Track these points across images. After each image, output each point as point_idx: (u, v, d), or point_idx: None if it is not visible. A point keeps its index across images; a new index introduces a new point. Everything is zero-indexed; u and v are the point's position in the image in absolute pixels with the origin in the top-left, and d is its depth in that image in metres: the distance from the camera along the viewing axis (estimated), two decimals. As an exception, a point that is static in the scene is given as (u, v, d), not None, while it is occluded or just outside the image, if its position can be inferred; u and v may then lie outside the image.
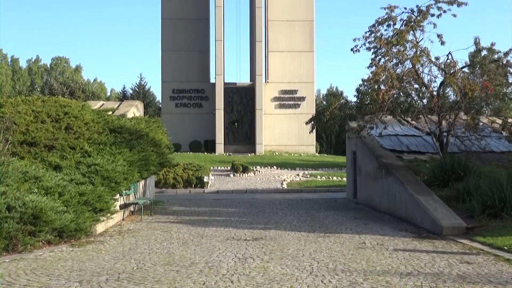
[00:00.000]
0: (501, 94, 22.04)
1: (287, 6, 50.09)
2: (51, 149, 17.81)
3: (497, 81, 20.31)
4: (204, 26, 50.89)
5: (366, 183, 22.25)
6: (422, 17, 20.38)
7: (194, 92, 50.32)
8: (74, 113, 20.16)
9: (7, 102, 20.31)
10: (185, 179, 31.46)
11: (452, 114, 20.49)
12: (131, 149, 19.48)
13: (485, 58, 20.97)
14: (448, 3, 20.24)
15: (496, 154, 21.74)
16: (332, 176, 34.92)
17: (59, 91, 64.00)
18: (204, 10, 50.86)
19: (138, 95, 70.01)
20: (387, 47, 19.91)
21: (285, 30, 50.04)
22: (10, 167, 14.67)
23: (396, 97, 20.19)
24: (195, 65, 50.38)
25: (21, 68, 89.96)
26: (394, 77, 19.36)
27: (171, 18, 50.16)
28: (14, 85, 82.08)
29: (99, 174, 16.50)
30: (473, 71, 20.91)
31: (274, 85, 49.83)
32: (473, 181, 16.56)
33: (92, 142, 18.91)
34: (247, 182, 33.34)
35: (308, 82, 50.01)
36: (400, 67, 20.19)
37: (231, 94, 48.85)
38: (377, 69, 19.46)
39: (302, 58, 49.96)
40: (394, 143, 22.72)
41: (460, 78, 19.74)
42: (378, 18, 20.71)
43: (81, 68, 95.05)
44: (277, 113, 49.75)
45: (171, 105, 50.23)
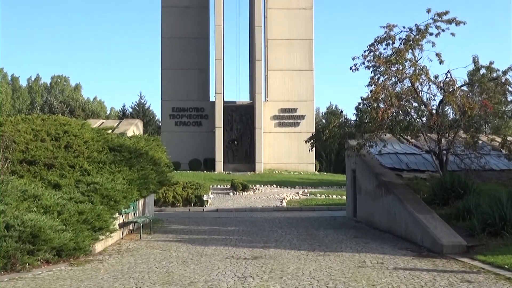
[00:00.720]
0: (500, 112, 22.07)
1: (286, 25, 50.36)
2: (51, 168, 17.79)
3: (496, 99, 20.36)
4: (204, 45, 51.13)
5: (366, 201, 22.20)
6: (421, 36, 20.48)
7: (193, 110, 50.42)
8: (74, 131, 20.16)
9: (7, 121, 20.32)
10: (185, 197, 31.39)
11: (452, 132, 20.51)
12: (131, 168, 19.45)
13: (484, 77, 21.02)
14: (447, 22, 20.36)
15: (495, 172, 21.74)
16: (331, 195, 34.87)
17: (59, 110, 64.10)
18: (204, 29, 51.12)
19: (137, 114, 70.11)
20: (386, 66, 19.99)
21: (285, 49, 50.26)
22: (10, 185, 14.64)
23: (395, 115, 20.22)
24: (194, 83, 50.52)
25: (21, 86, 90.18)
26: (393, 96, 19.41)
27: (171, 37, 50.40)
28: (14, 104, 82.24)
29: (98, 193, 16.46)
30: (472, 90, 20.97)
31: (274, 103, 49.94)
32: (473, 199, 16.53)
33: (92, 161, 18.88)
34: (246, 200, 33.27)
35: (307, 101, 50.12)
36: (399, 86, 20.27)
37: (230, 112, 48.93)
38: (376, 88, 19.52)
39: (301, 76, 50.12)
40: (393, 161, 22.72)
41: (459, 96, 19.79)
42: (377, 37, 20.83)
43: (80, 87, 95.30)
44: (276, 132, 49.80)
45: (170, 123, 50.30)
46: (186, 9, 50.78)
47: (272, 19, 50.55)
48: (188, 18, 50.63)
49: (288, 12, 50.49)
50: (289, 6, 50.47)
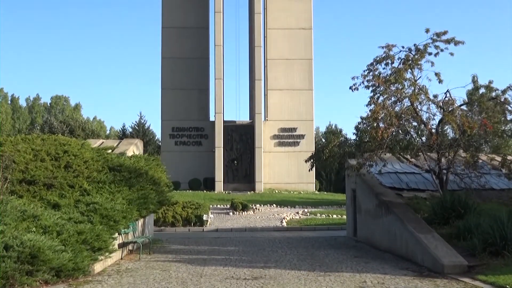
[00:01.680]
0: (500, 132, 22.07)
1: (286, 45, 50.60)
2: (50, 188, 17.76)
3: (495, 119, 20.39)
4: (203, 64, 51.33)
5: (366, 221, 22.13)
6: (420, 56, 20.58)
7: (193, 130, 50.49)
8: (74, 151, 20.16)
9: (7, 141, 20.33)
10: (184, 217, 31.28)
11: (451, 151, 20.51)
12: (130, 188, 19.42)
13: (483, 96, 21.07)
14: (445, 42, 20.47)
15: (496, 192, 21.69)
16: (332, 214, 34.77)
17: (59, 130, 64.17)
18: (203, 49, 51.35)
19: (137, 133, 70.16)
20: (386, 85, 20.06)
21: (284, 68, 50.45)
22: (9, 205, 14.60)
23: (395, 134, 20.24)
24: (194, 103, 50.64)
25: (21, 106, 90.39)
26: (393, 115, 19.44)
27: (171, 57, 50.61)
28: (14, 124, 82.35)
29: (97, 213, 16.41)
30: (472, 109, 21.00)
31: (274, 123, 50.02)
32: (473, 218, 16.48)
33: (91, 181, 18.86)
34: (246, 220, 33.17)
35: (307, 120, 50.20)
36: (398, 105, 20.31)
37: (230, 132, 48.98)
38: (375, 107, 19.56)
39: (301, 96, 50.25)
40: (393, 181, 22.69)
41: (458, 115, 19.82)
42: (376, 56, 20.92)
43: (80, 107, 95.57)
44: (276, 151, 49.80)
45: (170, 143, 50.33)
46: (186, 30, 51.07)
47: (272, 39, 50.80)
48: (188, 38, 50.88)
49: (288, 32, 50.76)
50: (289, 26, 50.75)
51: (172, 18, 51.06)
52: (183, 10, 51.13)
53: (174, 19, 51.00)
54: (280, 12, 50.98)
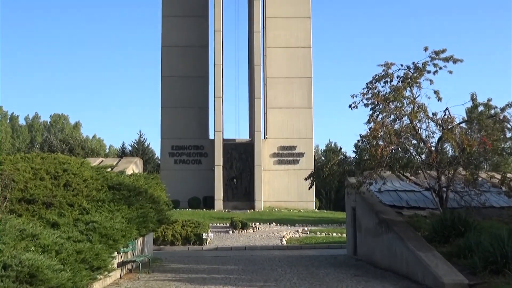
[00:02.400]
0: (499, 149, 22.07)
1: (285, 63, 50.81)
2: (49, 206, 17.72)
3: (494, 136, 20.41)
4: (203, 83, 51.50)
5: (366, 239, 22.06)
6: (419, 74, 20.65)
7: (193, 148, 50.52)
8: (73, 170, 20.15)
9: (7, 159, 20.32)
10: (184, 236, 31.18)
11: (451, 169, 20.51)
12: (130, 206, 19.38)
13: (482, 114, 21.11)
14: (444, 60, 20.56)
15: (496, 209, 21.65)
16: (332, 232, 34.67)
17: (59, 148, 64.18)
18: (203, 67, 51.55)
19: (137, 152, 70.17)
20: (385, 103, 20.10)
21: (284, 86, 50.61)
22: (8, 224, 14.55)
23: (394, 152, 20.25)
24: (194, 121, 50.73)
25: (20, 125, 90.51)
26: (392, 133, 19.46)
27: (171, 75, 50.80)
28: (13, 143, 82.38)
29: (97, 232, 16.35)
30: (471, 127, 21.03)
31: (273, 141, 50.06)
32: (474, 236, 16.42)
33: (91, 199, 18.82)
34: (246, 238, 33.06)
35: (306, 138, 50.25)
36: (398, 123, 20.34)
37: (230, 150, 49.00)
38: (375, 125, 19.59)
39: (300, 114, 50.34)
40: (393, 199, 22.65)
41: (458, 133, 19.85)
42: (375, 75, 21.00)
43: (80, 125, 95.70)
44: (276, 169, 49.78)
45: (170, 161, 50.33)
46: (186, 48, 51.31)
47: (271, 58, 51.01)
48: (188, 56, 51.11)
49: (287, 51, 51.00)
50: (288, 45, 51.00)
51: (172, 36, 51.33)
52: (183, 29, 51.40)
53: (174, 38, 51.26)
54: (279, 31, 51.25)
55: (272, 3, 51.64)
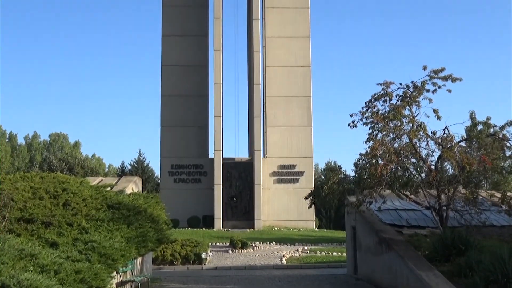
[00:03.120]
0: (499, 168, 22.06)
1: (284, 82, 50.97)
2: (48, 226, 17.67)
3: (494, 155, 20.40)
4: (203, 102, 51.62)
5: (367, 258, 21.96)
6: (418, 93, 20.71)
7: (192, 167, 50.48)
8: (73, 189, 20.12)
9: (6, 179, 20.30)
10: (183, 255, 31.05)
11: (451, 188, 20.48)
12: (129, 225, 19.32)
13: (482, 132, 21.13)
14: (443, 79, 20.63)
15: (496, 228, 21.59)
16: (332, 252, 34.53)
17: (58, 167, 64.19)
18: (203, 86, 51.71)
19: (136, 171, 70.15)
20: (384, 122, 20.13)
21: (283, 105, 50.72)
22: (6, 244, 14.49)
23: (394, 171, 20.23)
24: (194, 140, 50.77)
25: (19, 144, 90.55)
26: (392, 152, 19.46)
27: (170, 94, 50.94)
28: (13, 162, 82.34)
29: (96, 251, 16.28)
30: (470, 145, 21.04)
31: (273, 160, 50.05)
32: (474, 255, 16.35)
33: (90, 219, 18.77)
34: (246, 258, 32.92)
35: (306, 157, 50.25)
36: (397, 142, 20.35)
37: (229, 169, 48.96)
38: (374, 144, 19.60)
39: (300, 133, 50.40)
40: (393, 218, 22.59)
41: (457, 152, 19.85)
42: (375, 93, 21.05)
43: (80, 144, 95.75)
44: (275, 188, 49.70)
45: (169, 180, 50.26)
46: (186, 67, 51.51)
47: (271, 77, 51.18)
48: (188, 76, 51.29)
49: (286, 70, 51.19)
50: (287, 64, 51.20)
51: (171, 56, 51.55)
52: (183, 48, 51.65)
53: (174, 57, 51.49)
54: (278, 50, 51.49)
55: (271, 22, 51.94)
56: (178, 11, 52.30)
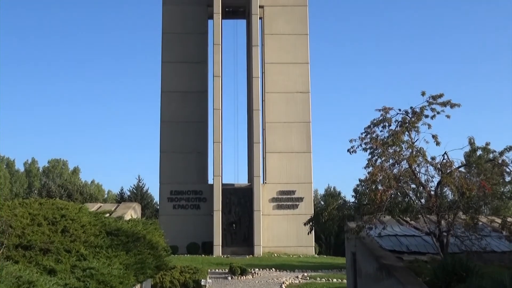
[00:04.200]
0: (499, 193, 22.01)
1: (284, 108, 51.11)
2: (47, 253, 17.57)
3: (494, 180, 20.40)
4: (202, 128, 51.70)
5: (367, 285, 21.79)
6: (417, 119, 20.77)
7: (192, 193, 50.36)
8: (71, 215, 20.06)
9: (4, 205, 20.25)
10: (182, 282, 30.79)
11: (451, 213, 20.42)
12: (128, 252, 19.22)
13: (481, 158, 21.15)
14: (441, 104, 20.71)
15: (497, 254, 21.48)
16: (332, 278, 34.30)
17: (57, 194, 64.07)
18: (202, 112, 51.83)
19: (135, 197, 70.01)
20: (383, 148, 20.16)
21: (282, 131, 50.79)
22: (4, 271, 14.39)
23: (394, 197, 20.20)
24: (193, 166, 50.72)
25: (18, 170, 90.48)
26: (391, 177, 19.45)
27: (170, 120, 51.04)
28: (11, 188, 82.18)
29: (94, 278, 16.17)
30: (470, 171, 21.04)
31: (272, 185, 49.96)
32: (475, 282, 16.23)
33: (88, 245, 18.68)
34: (245, 285, 32.68)
35: (305, 183, 50.16)
36: (396, 167, 20.34)
37: (229, 195, 48.85)
38: (374, 170, 19.60)
39: (299, 159, 50.39)
40: (393, 244, 22.48)
41: (457, 178, 19.84)
42: (374, 119, 21.10)
43: (79, 170, 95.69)
44: (275, 214, 49.54)
45: (168, 206, 50.10)
46: (185, 94, 51.68)
47: (270, 103, 51.34)
48: (187, 102, 51.44)
49: (286, 96, 51.37)
50: (287, 90, 51.40)
51: (171, 82, 51.76)
52: (183, 74, 51.89)
53: (174, 83, 51.69)
54: (278, 76, 51.73)
55: (270, 49, 52.27)
56: (178, 37, 52.64)
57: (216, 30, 50.08)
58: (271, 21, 52.83)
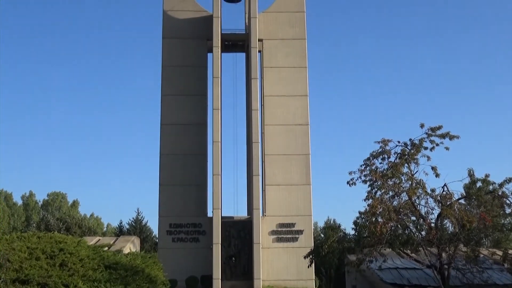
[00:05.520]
0: (500, 225, 21.93)
1: (283, 140, 51.10)
2: (44, 287, 17.43)
3: (494, 212, 20.36)
4: (202, 160, 51.59)
5: (368, 319, 21.56)
6: (416, 151, 20.81)
7: (191, 226, 50.04)
8: (70, 249, 19.95)
9: (2, 239, 20.15)
10: (181, 316, 30.49)
11: (452, 246, 20.32)
12: (126, 286, 19.08)
13: (481, 190, 21.13)
14: (440, 136, 20.77)
15: (499, 287, 21.31)
16: (332, 312, 33.94)
17: (55, 227, 63.72)
18: (202, 145, 51.79)
19: (135, 230, 69.62)
20: (383, 180, 20.15)
21: (282, 163, 50.68)
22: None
23: (394, 229, 20.13)
24: (192, 199, 50.49)
25: (15, 203, 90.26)
26: (391, 210, 19.40)
27: (169, 153, 50.97)
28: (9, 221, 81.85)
29: (92, 313, 16.01)
30: (470, 203, 21.01)
31: (272, 218, 49.69)
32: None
33: (87, 279, 18.55)
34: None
35: (305, 215, 49.90)
36: (396, 200, 20.31)
37: (228, 228, 48.54)
38: (373, 202, 19.57)
39: (299, 191, 50.20)
40: (394, 277, 22.33)
41: (457, 210, 19.80)
42: (373, 151, 21.14)
43: (78, 203, 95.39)
44: (275, 247, 49.17)
45: (168, 239, 49.73)
46: (185, 126, 51.71)
47: (269, 135, 51.37)
48: (187, 134, 51.46)
49: (285, 128, 51.41)
50: (286, 122, 51.46)
51: (171, 114, 51.82)
52: (182, 107, 51.99)
53: (174, 116, 51.75)
54: (277, 108, 51.86)
55: (269, 82, 52.52)
56: (177, 70, 52.91)
57: (215, 63, 50.37)
58: (270, 54, 53.19)
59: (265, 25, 53.21)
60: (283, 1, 54.07)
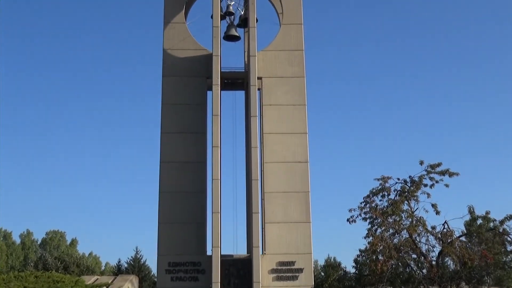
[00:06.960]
0: (501, 263, 21.79)
1: (282, 178, 50.96)
2: (41, 328, 17.17)
3: (495, 250, 20.27)
4: (201, 198, 51.39)
5: None
6: (416, 188, 20.84)
7: (190, 265, 49.55)
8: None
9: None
10: None
11: (453, 284, 20.19)
12: (124, 326, 18.80)
13: (481, 227, 21.08)
14: (440, 173, 20.81)
15: (502, 326, 21.02)
16: None
17: (53, 266, 63.19)
18: (201, 183, 51.59)
19: (133, 269, 68.99)
20: (383, 217, 20.13)
21: (281, 201, 50.45)
22: None
23: (395, 267, 20.03)
24: (192, 237, 50.11)
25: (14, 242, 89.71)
26: (392, 247, 19.34)
27: (169, 191, 50.77)
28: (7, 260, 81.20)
29: None
30: (471, 240, 20.94)
31: (271, 256, 49.27)
32: None
33: (84, 319, 18.29)
34: None
35: (305, 253, 49.45)
36: (397, 237, 20.27)
37: (228, 266, 48.10)
38: (374, 239, 19.52)
39: (298, 229, 49.86)
40: (396, 316, 22.04)
41: (458, 247, 19.74)
42: (373, 188, 21.17)
43: (77, 242, 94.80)
44: (274, 286, 48.60)
45: (166, 278, 49.18)
46: (184, 164, 51.62)
47: (269, 172, 51.25)
48: (186, 172, 51.35)
49: (284, 166, 51.31)
50: (285, 160, 51.40)
51: (170, 152, 51.77)
52: (182, 145, 51.98)
53: (173, 154, 51.70)
54: (276, 145, 51.85)
55: (269, 119, 52.62)
56: (177, 108, 53.08)
57: (215, 101, 50.55)
58: (269, 91, 53.41)
59: (264, 63, 53.59)
60: (282, 39, 54.59)
